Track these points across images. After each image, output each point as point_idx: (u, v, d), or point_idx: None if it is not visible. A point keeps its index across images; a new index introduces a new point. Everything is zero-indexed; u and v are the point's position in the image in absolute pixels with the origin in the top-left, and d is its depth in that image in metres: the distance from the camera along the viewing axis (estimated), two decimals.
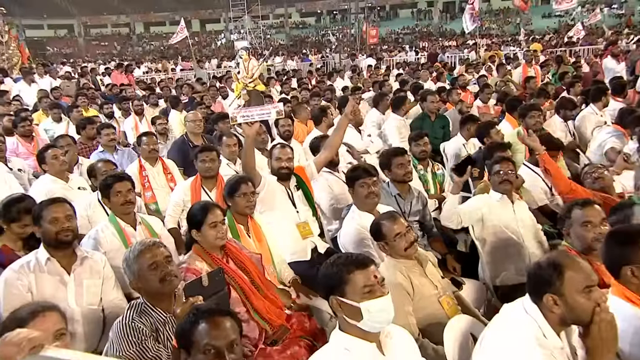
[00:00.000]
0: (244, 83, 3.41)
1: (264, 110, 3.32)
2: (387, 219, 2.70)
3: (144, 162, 4.83)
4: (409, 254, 2.63)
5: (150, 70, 23.05)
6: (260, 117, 3.30)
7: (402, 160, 3.77)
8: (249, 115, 3.28)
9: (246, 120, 3.28)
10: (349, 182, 3.35)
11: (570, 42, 19.99)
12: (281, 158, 3.82)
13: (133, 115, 8.18)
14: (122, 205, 3.34)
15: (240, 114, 3.30)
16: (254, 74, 3.41)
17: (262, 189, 3.66)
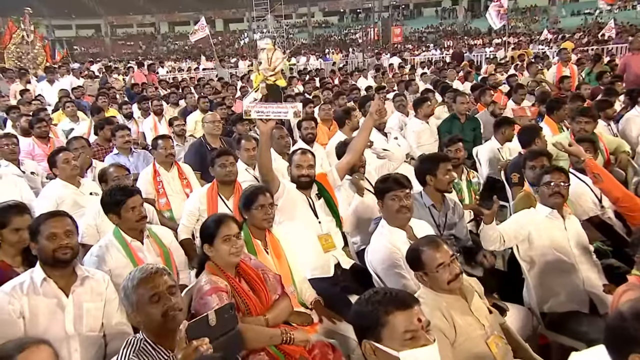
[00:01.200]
0: (264, 75, 3.10)
1: (281, 108, 3.01)
2: (428, 246, 2.30)
3: (159, 166, 4.56)
4: (453, 288, 2.25)
5: (174, 70, 23.06)
6: (277, 115, 3.00)
7: (449, 166, 3.44)
8: (264, 112, 2.99)
9: (260, 117, 3.00)
10: (378, 194, 3.02)
11: (602, 41, 19.34)
12: (301, 165, 3.52)
13: (152, 116, 7.98)
14: (137, 222, 3.08)
15: (255, 108, 3.01)
16: (276, 67, 3.07)
17: (280, 197, 3.38)
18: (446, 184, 3.39)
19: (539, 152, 3.73)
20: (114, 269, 2.89)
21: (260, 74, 2.97)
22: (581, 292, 2.86)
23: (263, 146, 3.20)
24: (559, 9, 41.98)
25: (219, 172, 3.92)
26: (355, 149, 3.64)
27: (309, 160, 3.54)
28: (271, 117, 2.99)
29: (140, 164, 5.14)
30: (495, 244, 2.96)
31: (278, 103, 3.03)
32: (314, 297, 2.96)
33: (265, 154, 3.23)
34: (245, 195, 3.03)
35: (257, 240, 2.95)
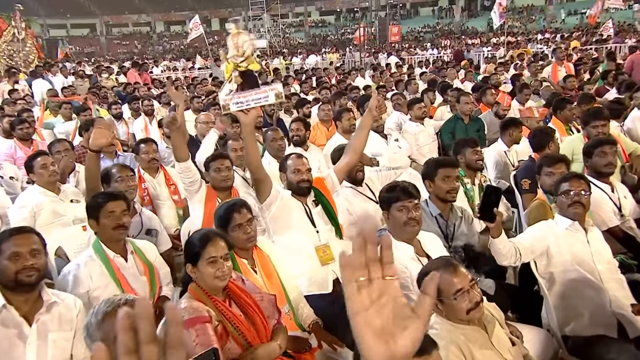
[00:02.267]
0: (234, 63, 2.78)
1: (260, 94, 2.72)
2: (445, 269, 2.00)
3: (143, 172, 4.27)
4: (472, 318, 1.97)
5: (168, 69, 22.72)
6: (257, 102, 2.73)
7: (451, 172, 3.14)
8: (243, 102, 2.71)
9: (240, 108, 2.72)
10: (383, 204, 2.74)
11: (601, 40, 19.14)
12: (300, 170, 3.22)
13: (143, 116, 7.70)
14: (113, 230, 2.78)
15: (232, 100, 2.72)
16: (245, 51, 2.75)
17: (273, 203, 3.09)
18: (444, 191, 3.10)
19: (558, 157, 3.44)
20: (92, 289, 2.61)
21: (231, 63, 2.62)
22: (607, 313, 2.58)
23: (248, 139, 2.90)
24: (557, 9, 41.89)
25: (215, 178, 3.62)
26: (355, 148, 3.36)
27: (306, 164, 3.27)
28: (252, 105, 2.72)
29: None
30: (509, 258, 2.67)
31: (255, 89, 2.74)
32: (312, 319, 2.67)
33: (252, 148, 2.93)
34: (218, 215, 2.72)
35: (242, 260, 2.65)
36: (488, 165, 5.02)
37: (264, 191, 3.07)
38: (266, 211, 3.12)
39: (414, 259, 2.56)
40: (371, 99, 3.26)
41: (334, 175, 3.36)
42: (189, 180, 3.40)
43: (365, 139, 3.35)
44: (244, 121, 2.79)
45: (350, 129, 5.39)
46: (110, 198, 2.85)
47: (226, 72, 2.87)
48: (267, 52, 29.18)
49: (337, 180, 3.36)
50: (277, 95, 2.77)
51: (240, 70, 2.76)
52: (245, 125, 2.82)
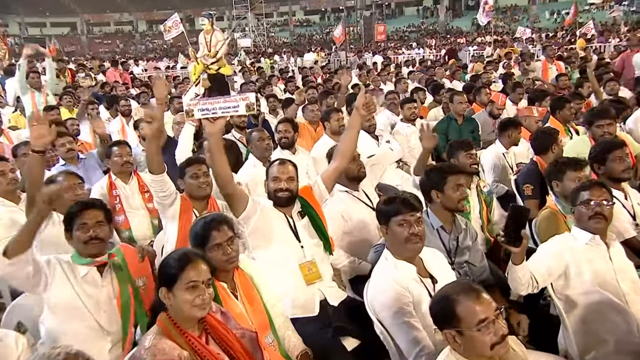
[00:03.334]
0: (204, 64, 2.45)
1: (229, 102, 2.43)
2: (466, 295, 1.69)
3: (115, 178, 3.90)
4: (496, 354, 1.65)
5: (150, 68, 22.19)
6: (225, 111, 2.43)
7: (461, 180, 2.85)
8: (209, 109, 2.41)
9: (206, 116, 2.42)
10: (382, 218, 2.42)
11: (585, 39, 19.11)
12: (279, 178, 2.90)
13: (120, 117, 7.30)
14: (85, 244, 2.47)
15: (197, 106, 2.42)
16: (217, 52, 2.42)
17: (251, 216, 2.77)
18: (456, 201, 2.80)
19: (580, 161, 3.12)
20: (53, 303, 2.35)
21: (200, 63, 2.27)
22: (635, 339, 2.29)
23: (214, 151, 2.58)
24: (540, 10, 42.18)
25: (190, 185, 3.28)
26: (343, 152, 3.04)
27: (289, 172, 2.93)
28: (219, 114, 2.42)
29: (92, 174, 4.46)
30: (528, 287, 2.36)
31: (225, 96, 2.43)
32: (300, 349, 2.34)
33: (220, 161, 2.60)
34: (195, 233, 2.38)
35: (221, 283, 2.31)
36: (485, 168, 4.74)
37: (239, 206, 2.75)
38: (244, 225, 2.79)
39: (416, 280, 2.25)
40: (358, 97, 2.94)
41: (321, 183, 3.04)
42: (163, 193, 3.06)
43: (355, 141, 3.03)
44: (210, 130, 2.49)
45: (339, 130, 5.08)
46: (84, 207, 2.54)
47: (193, 73, 2.56)
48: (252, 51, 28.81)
49: (325, 189, 3.04)
50: (249, 107, 2.47)
51: (210, 72, 2.45)
52: (210, 135, 2.52)
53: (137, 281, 2.56)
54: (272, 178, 2.93)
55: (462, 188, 2.82)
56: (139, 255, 2.61)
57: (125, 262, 2.55)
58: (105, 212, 2.59)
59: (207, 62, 2.24)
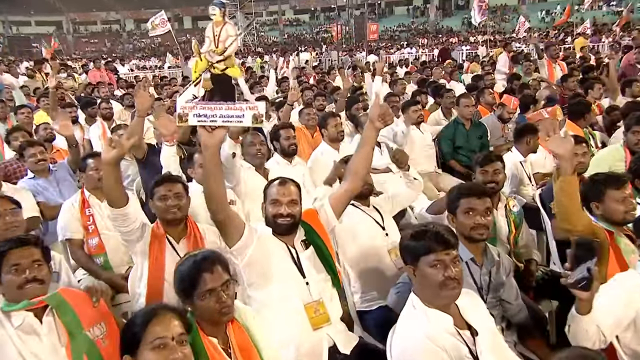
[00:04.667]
0: (208, 61, 1.96)
1: (233, 110, 1.93)
2: None
3: (89, 194, 3.42)
4: None
5: (137, 68, 21.62)
6: (226, 121, 1.95)
7: (475, 204, 2.40)
8: (207, 115, 1.93)
9: (203, 123, 1.94)
10: (408, 256, 1.95)
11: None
12: (279, 201, 2.46)
13: (100, 121, 6.80)
14: (20, 289, 1.99)
15: (194, 110, 1.93)
16: (226, 48, 1.92)
17: (247, 247, 2.33)
18: (468, 228, 2.37)
19: (621, 177, 2.66)
20: None
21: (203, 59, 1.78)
22: None
23: (209, 168, 2.10)
24: (530, 9, 42.17)
25: (158, 208, 2.78)
26: (356, 172, 2.56)
27: (292, 193, 2.49)
28: (218, 123, 1.94)
29: (64, 188, 3.97)
30: (593, 343, 1.90)
31: (229, 102, 1.94)
32: None
33: (215, 181, 2.12)
34: (180, 276, 1.93)
35: (211, 339, 1.85)
36: None
37: (233, 234, 2.30)
38: (238, 257, 2.34)
39: (453, 335, 1.80)
40: (372, 106, 2.49)
41: (329, 208, 2.58)
42: (126, 229, 2.57)
43: (369, 158, 2.57)
44: (206, 142, 2.00)
45: (338, 136, 4.65)
46: (15, 245, 2.04)
47: (194, 70, 2.07)
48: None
49: (334, 215, 2.58)
50: (256, 118, 1.96)
51: (215, 72, 1.99)
52: (206, 148, 2.03)
53: (91, 331, 2.03)
54: (271, 201, 2.48)
55: (475, 213, 2.38)
56: (92, 300, 2.09)
57: (72, 311, 2.04)
58: (42, 249, 2.12)
59: (212, 59, 1.75)
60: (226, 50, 1.96)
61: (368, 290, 2.91)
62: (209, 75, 1.99)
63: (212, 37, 1.97)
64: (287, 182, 2.54)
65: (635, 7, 34.57)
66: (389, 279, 2.86)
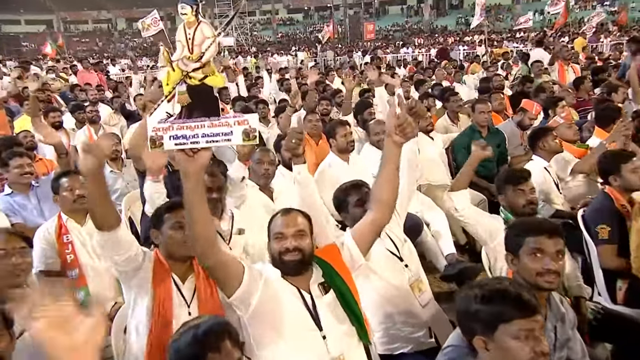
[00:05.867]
0: (182, 70, 1.53)
1: (218, 127, 1.59)
2: None
3: (66, 219, 2.97)
4: None
5: (129, 68, 21.03)
6: (211, 141, 1.59)
7: (551, 245, 1.96)
8: (186, 137, 1.58)
9: (182, 146, 1.59)
10: (478, 325, 1.52)
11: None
12: (283, 234, 2.05)
13: (87, 126, 6.35)
14: None
15: (169, 131, 1.57)
16: (203, 54, 1.48)
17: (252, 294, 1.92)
18: (534, 274, 1.95)
19: None
20: None
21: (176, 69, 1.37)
22: None
23: (192, 201, 1.68)
24: (524, 9, 42.13)
25: (172, 238, 2.28)
26: (381, 198, 2.14)
27: (298, 224, 2.08)
28: (201, 144, 1.58)
29: (47, 208, 3.51)
30: None
31: (213, 118, 1.57)
32: None
33: (200, 216, 1.71)
34: (177, 354, 1.54)
35: None
36: None
37: (230, 281, 1.89)
38: (241, 308, 1.93)
39: None
40: (388, 117, 2.05)
41: (351, 242, 2.16)
42: (120, 257, 2.11)
43: (396, 180, 2.14)
44: (187, 169, 1.61)
45: (348, 147, 4.23)
46: None
47: (166, 83, 1.64)
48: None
49: (360, 253, 2.16)
50: (247, 134, 1.59)
51: (191, 83, 1.59)
52: (187, 176, 1.63)
53: None
54: (275, 235, 2.07)
55: (545, 256, 1.96)
56: None
57: None
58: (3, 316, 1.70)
59: (186, 67, 1.38)
60: (203, 56, 1.56)
61: (392, 340, 2.49)
62: (184, 87, 1.59)
63: (184, 41, 1.56)
64: (291, 211, 2.13)
65: (629, 7, 34.67)
66: (416, 320, 2.47)
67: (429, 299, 2.59)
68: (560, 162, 4.16)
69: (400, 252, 2.65)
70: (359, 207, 2.63)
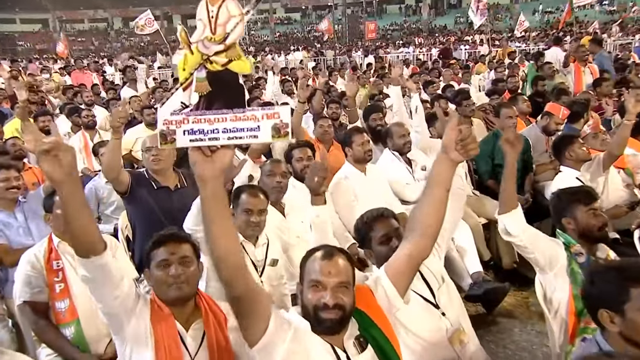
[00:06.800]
0: (202, 54, 1.17)
1: (243, 121, 1.27)
2: None
3: (58, 242, 2.59)
4: None
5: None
6: (234, 137, 1.28)
7: None
8: (204, 131, 1.27)
9: (198, 143, 1.27)
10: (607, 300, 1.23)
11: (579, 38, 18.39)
12: (322, 283, 1.69)
13: (82, 131, 6.00)
14: None
15: (184, 125, 1.27)
16: (228, 35, 1.10)
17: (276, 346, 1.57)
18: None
19: None
20: None
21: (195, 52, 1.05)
22: None
23: (210, 213, 1.34)
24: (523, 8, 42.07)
25: (158, 279, 1.96)
26: (425, 229, 1.78)
27: (340, 272, 1.70)
28: (222, 141, 1.27)
29: (34, 227, 3.16)
30: None
31: (236, 110, 1.26)
32: None
33: (220, 233, 1.37)
34: None
35: None
36: None
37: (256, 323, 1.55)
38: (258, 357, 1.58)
39: None
40: (448, 129, 1.68)
41: (387, 281, 1.82)
42: (112, 295, 1.77)
43: (444, 208, 1.78)
44: (204, 173, 1.29)
45: (365, 156, 3.88)
46: None
47: (182, 67, 1.30)
48: None
49: (397, 293, 1.82)
50: (277, 130, 1.27)
51: (213, 69, 1.25)
52: (204, 181, 1.30)
53: None
54: (311, 283, 1.70)
55: None
56: None
57: None
58: None
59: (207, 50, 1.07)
60: (228, 37, 1.22)
61: None
62: (204, 73, 1.25)
63: (206, 19, 1.21)
64: (334, 253, 1.75)
65: (627, 6, 34.53)
66: None
67: (474, 350, 2.22)
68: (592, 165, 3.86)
69: (436, 298, 2.24)
70: (384, 244, 2.25)
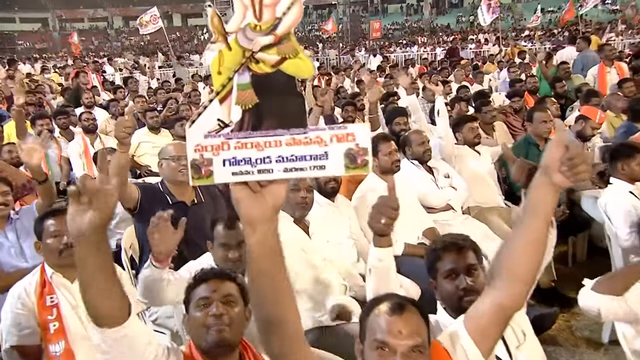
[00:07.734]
0: (245, 49, 0.75)
1: (304, 145, 0.87)
2: None
3: (52, 273, 2.23)
4: None
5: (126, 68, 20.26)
6: (292, 169, 0.89)
7: None
8: (252, 163, 0.88)
9: (244, 177, 0.87)
10: None
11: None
12: (391, 346, 1.36)
13: (82, 135, 5.63)
14: None
15: (223, 153, 0.88)
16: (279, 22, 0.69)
17: None
18: None
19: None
20: None
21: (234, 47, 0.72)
22: None
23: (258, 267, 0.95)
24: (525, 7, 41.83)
25: (196, 321, 1.63)
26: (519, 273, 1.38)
27: (412, 333, 1.37)
28: (275, 174, 0.88)
29: (27, 246, 2.79)
30: None
31: (292, 131, 0.86)
32: None
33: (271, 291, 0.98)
34: None
35: None
36: (614, 218, 3.25)
37: None
38: None
39: None
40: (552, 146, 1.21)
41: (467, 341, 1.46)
42: None
43: (543, 247, 1.35)
44: (251, 215, 0.91)
45: (392, 167, 3.51)
46: None
47: (216, 70, 0.91)
48: None
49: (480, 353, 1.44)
50: (352, 159, 0.86)
51: (259, 72, 0.88)
52: (252, 225, 0.92)
53: None
54: (377, 344, 1.36)
55: None
56: None
57: None
58: None
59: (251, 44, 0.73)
60: (279, 24, 0.85)
61: None
62: (248, 78, 0.88)
63: (248, 2, 0.83)
64: (405, 307, 1.40)
65: (629, 5, 34.24)
66: None
67: None
68: None
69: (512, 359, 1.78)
70: (450, 280, 1.87)
